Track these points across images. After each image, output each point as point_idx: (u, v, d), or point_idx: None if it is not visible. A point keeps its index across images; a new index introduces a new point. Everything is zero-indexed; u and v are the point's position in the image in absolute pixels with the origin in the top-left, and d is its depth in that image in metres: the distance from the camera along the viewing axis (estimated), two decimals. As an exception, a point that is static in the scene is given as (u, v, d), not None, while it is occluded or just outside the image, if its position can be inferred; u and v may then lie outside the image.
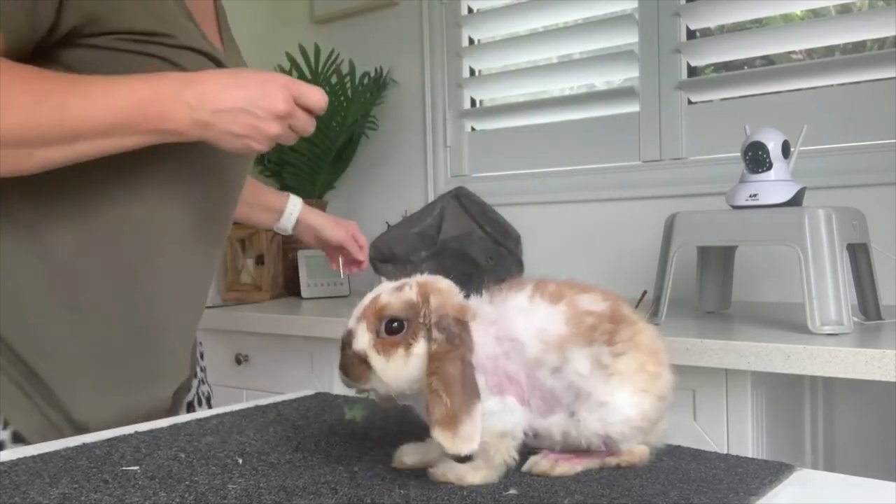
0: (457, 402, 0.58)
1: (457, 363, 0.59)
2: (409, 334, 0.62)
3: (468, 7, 2.30)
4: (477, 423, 0.58)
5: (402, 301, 0.63)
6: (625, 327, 0.65)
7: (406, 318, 0.62)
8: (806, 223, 1.24)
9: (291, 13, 2.61)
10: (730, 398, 1.26)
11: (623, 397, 0.63)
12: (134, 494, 0.61)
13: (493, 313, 0.65)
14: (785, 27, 1.83)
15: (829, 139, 1.71)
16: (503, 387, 0.64)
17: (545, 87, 2.20)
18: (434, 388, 0.59)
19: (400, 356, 0.61)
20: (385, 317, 0.62)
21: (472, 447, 0.57)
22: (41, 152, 0.78)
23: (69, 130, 0.78)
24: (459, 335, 0.61)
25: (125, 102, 0.79)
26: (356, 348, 0.62)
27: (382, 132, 2.43)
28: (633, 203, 1.95)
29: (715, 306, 1.56)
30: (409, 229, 1.97)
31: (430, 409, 0.58)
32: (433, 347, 0.60)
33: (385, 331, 0.62)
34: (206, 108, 0.81)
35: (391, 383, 0.62)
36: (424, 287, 0.64)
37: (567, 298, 0.66)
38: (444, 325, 0.61)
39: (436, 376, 0.59)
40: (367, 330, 0.62)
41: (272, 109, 0.83)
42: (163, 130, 0.81)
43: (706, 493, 0.60)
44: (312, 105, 0.86)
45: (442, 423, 0.58)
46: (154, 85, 0.81)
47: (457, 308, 0.63)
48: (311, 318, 1.72)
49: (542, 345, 0.63)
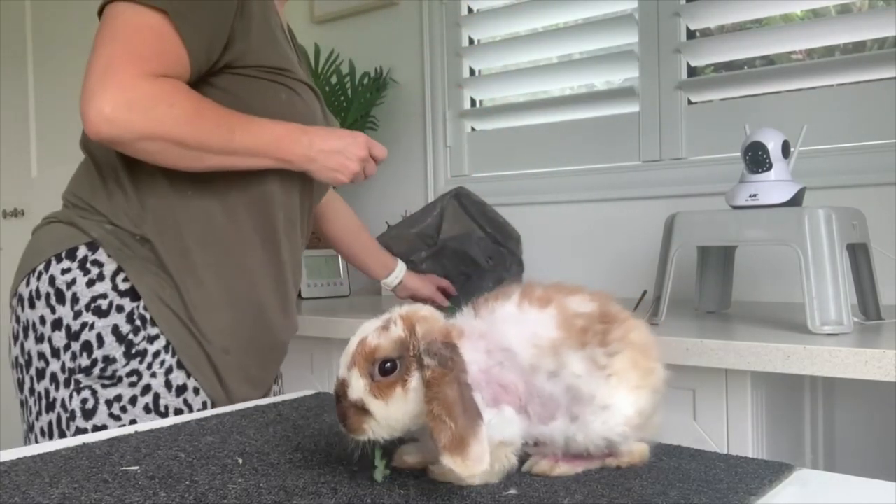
0: (461, 425, 0.57)
1: (454, 385, 0.58)
2: (403, 371, 0.61)
3: (468, 7, 2.30)
4: (484, 443, 0.57)
5: (391, 340, 0.61)
6: (616, 326, 0.65)
7: (398, 357, 0.61)
8: (806, 223, 1.24)
9: (291, 13, 2.60)
10: (730, 398, 1.26)
11: (621, 397, 0.63)
12: (134, 494, 0.61)
13: (480, 327, 0.65)
14: (785, 27, 1.83)
15: (829, 139, 1.71)
16: (499, 398, 0.63)
17: (545, 87, 2.20)
18: (436, 414, 0.57)
19: (398, 395, 0.60)
20: (377, 360, 0.61)
21: (484, 467, 0.57)
22: (209, 158, 1.10)
23: (231, 147, 1.10)
24: (451, 357, 0.60)
25: (268, 137, 1.13)
26: (353, 398, 0.61)
27: (382, 132, 2.43)
28: (633, 203, 1.95)
29: (715, 306, 1.56)
30: (408, 229, 1.97)
31: (435, 435, 0.57)
32: (427, 374, 0.59)
33: (379, 373, 0.61)
34: (315, 147, 1.16)
35: (395, 425, 0.61)
36: (409, 319, 0.62)
37: (556, 302, 0.65)
38: (434, 350, 0.60)
39: (436, 402, 0.58)
40: (361, 376, 0.61)
41: (357, 153, 1.20)
42: (282, 159, 1.15)
43: (706, 493, 0.60)
44: (378, 154, 1.25)
45: (450, 448, 0.57)
46: (286, 127, 1.15)
47: (443, 332, 0.62)
48: (311, 319, 1.72)
49: (536, 350, 0.63)
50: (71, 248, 1.14)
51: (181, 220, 1.15)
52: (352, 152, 1.19)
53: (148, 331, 1.13)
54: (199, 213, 1.16)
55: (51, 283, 1.13)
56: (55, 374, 1.12)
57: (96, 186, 1.18)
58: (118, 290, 1.13)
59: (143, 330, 1.13)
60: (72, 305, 1.12)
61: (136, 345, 1.12)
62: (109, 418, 1.11)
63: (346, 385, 0.62)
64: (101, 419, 1.11)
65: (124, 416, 1.11)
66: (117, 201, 1.15)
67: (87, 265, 1.13)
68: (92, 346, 1.11)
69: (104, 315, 1.12)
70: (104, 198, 1.16)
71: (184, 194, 1.15)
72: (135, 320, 1.12)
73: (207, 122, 1.08)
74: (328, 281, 2.27)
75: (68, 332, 1.12)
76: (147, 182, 1.15)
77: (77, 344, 1.11)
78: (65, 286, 1.13)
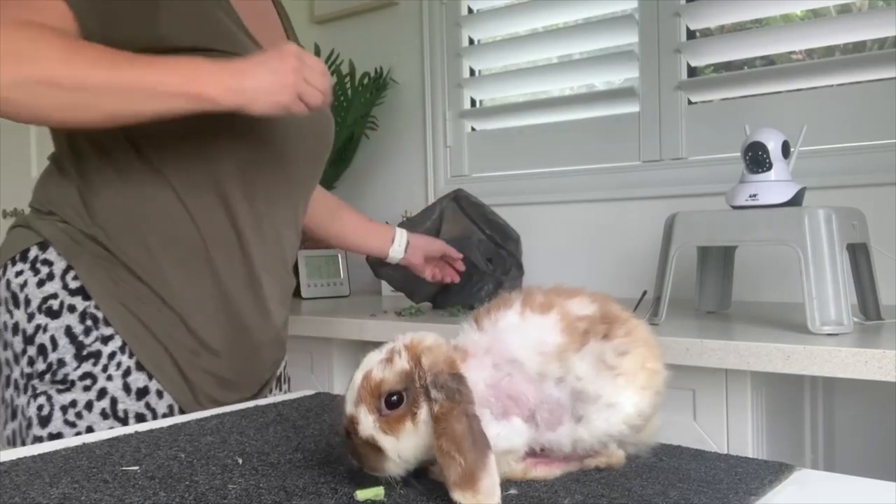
0: (471, 460, 0.56)
1: (462, 419, 0.58)
2: (411, 403, 0.60)
3: (468, 7, 2.30)
4: (494, 477, 0.57)
5: (396, 373, 0.61)
6: (618, 325, 0.65)
7: (405, 389, 0.60)
8: (806, 223, 1.24)
9: (291, 13, 2.57)
10: (730, 398, 1.26)
11: (626, 396, 0.64)
12: (134, 494, 0.61)
13: (484, 342, 0.64)
14: (785, 27, 1.83)
15: (829, 139, 1.71)
16: (508, 410, 0.63)
17: (545, 87, 2.20)
18: (445, 451, 0.57)
19: (409, 430, 0.60)
20: (383, 393, 0.60)
21: (495, 500, 0.56)
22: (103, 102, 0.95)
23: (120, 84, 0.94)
24: (458, 389, 0.59)
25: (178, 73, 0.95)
26: (364, 435, 0.60)
27: (382, 132, 2.43)
28: (633, 203, 1.95)
29: (715, 306, 1.56)
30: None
31: (445, 471, 0.57)
32: (435, 409, 0.59)
33: (386, 407, 0.60)
34: (238, 77, 0.97)
35: (409, 459, 0.61)
36: (414, 350, 0.62)
37: (557, 307, 0.65)
38: (440, 382, 0.59)
39: (444, 437, 0.57)
40: (368, 412, 0.60)
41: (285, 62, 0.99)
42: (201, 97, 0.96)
43: (706, 493, 0.60)
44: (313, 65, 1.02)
45: (460, 484, 0.56)
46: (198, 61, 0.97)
47: (448, 362, 0.61)
48: (310, 319, 1.72)
49: (542, 357, 0.63)
50: (24, 249, 1.08)
51: (136, 213, 1.06)
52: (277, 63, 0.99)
53: (101, 331, 1.05)
54: (153, 205, 1.06)
55: (7, 287, 1.08)
56: (17, 381, 1.07)
57: (51, 185, 1.11)
58: (68, 288, 1.05)
59: (94, 330, 1.05)
60: (25, 308, 1.06)
61: (87, 346, 1.04)
62: (65, 425, 1.03)
63: (355, 422, 0.61)
64: (57, 426, 1.03)
65: (80, 423, 1.04)
66: (69, 198, 1.08)
67: (37, 265, 1.07)
68: (46, 349, 1.05)
69: (56, 316, 1.05)
70: (58, 195, 1.09)
71: (135, 186, 1.06)
72: (86, 320, 1.05)
73: (83, 57, 0.94)
74: (328, 281, 2.27)
75: (24, 335, 1.06)
76: (98, 175, 1.07)
77: (33, 348, 1.05)
78: (18, 289, 1.07)
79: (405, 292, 1.84)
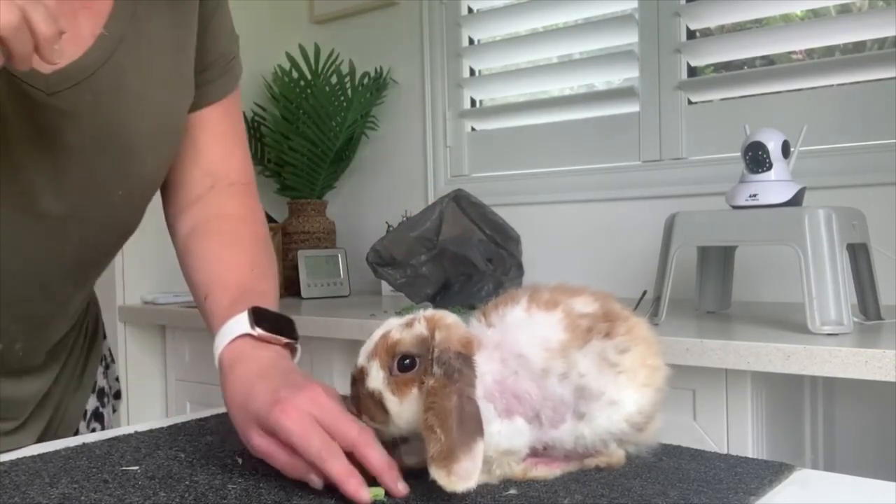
0: (452, 438, 0.56)
1: (452, 398, 0.58)
2: (422, 371, 0.61)
3: (468, 7, 2.30)
4: (477, 461, 0.56)
5: (414, 336, 0.62)
6: (620, 322, 0.66)
7: (418, 355, 0.61)
8: (806, 223, 1.24)
9: (291, 13, 2.61)
10: (730, 398, 1.26)
11: (628, 394, 0.64)
12: (134, 494, 0.61)
13: (495, 336, 0.64)
14: (785, 27, 1.83)
15: (829, 139, 1.70)
16: (512, 409, 0.63)
17: (545, 87, 2.20)
18: (429, 424, 0.57)
19: (414, 396, 0.60)
20: (398, 353, 0.61)
21: (469, 486, 0.56)
22: None
23: None
24: (459, 369, 0.60)
25: None
26: (370, 387, 0.61)
27: (382, 132, 2.43)
28: (633, 203, 1.95)
29: (715, 306, 1.56)
30: (408, 233, 1.96)
31: (426, 444, 0.57)
32: (430, 383, 0.59)
33: (398, 368, 0.61)
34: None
35: (407, 425, 0.61)
36: (432, 322, 0.63)
37: (562, 305, 0.66)
38: (443, 359, 0.60)
39: (431, 412, 0.58)
40: (380, 368, 0.61)
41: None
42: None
43: (706, 493, 0.60)
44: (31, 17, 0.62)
45: (437, 459, 0.56)
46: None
47: (462, 342, 0.62)
48: (310, 318, 1.72)
49: (547, 353, 0.63)
50: None
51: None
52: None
53: None
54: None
55: None
56: None
57: None
58: None
59: None
60: None
61: None
62: None
63: (364, 373, 0.62)
64: None
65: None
66: None
67: None
68: None
69: None
70: None
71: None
72: None
73: None
74: (328, 281, 2.27)
75: None
76: None
77: None
78: None
79: (405, 292, 1.84)
